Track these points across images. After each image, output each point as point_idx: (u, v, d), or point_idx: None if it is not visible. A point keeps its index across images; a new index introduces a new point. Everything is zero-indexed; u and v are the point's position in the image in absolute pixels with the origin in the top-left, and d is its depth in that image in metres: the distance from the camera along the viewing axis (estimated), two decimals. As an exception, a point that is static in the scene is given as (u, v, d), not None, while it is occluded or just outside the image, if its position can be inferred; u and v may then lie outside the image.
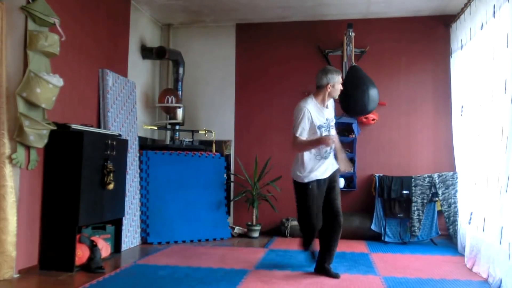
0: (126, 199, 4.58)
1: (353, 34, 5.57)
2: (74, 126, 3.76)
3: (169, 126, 5.77)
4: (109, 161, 4.04)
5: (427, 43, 5.68)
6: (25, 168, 3.49)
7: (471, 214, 4.18)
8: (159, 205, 5.09)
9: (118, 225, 4.39)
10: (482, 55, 4.09)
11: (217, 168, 5.57)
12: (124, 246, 4.52)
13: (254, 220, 5.58)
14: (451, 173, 5.14)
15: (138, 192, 4.98)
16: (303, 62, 5.92)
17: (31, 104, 3.42)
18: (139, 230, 4.91)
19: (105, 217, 4.10)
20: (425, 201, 5.11)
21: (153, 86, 6.02)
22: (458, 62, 5.00)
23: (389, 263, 4.12)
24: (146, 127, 5.56)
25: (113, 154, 4.13)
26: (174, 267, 3.84)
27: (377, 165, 5.65)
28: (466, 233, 4.30)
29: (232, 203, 5.89)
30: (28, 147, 3.49)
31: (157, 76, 6.18)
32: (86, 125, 3.95)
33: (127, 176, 4.64)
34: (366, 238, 5.27)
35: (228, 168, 5.86)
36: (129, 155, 4.71)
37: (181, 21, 6.10)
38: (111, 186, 4.01)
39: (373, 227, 5.24)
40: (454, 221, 4.99)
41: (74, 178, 3.68)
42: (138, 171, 5.04)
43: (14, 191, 3.32)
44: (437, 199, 5.13)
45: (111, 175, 4.01)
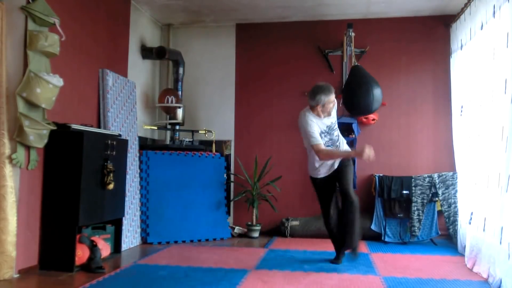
0: (126, 199, 4.58)
1: (353, 34, 5.56)
2: (74, 126, 3.76)
3: (169, 126, 5.77)
4: (109, 161, 4.04)
5: (427, 43, 5.68)
6: (25, 168, 3.49)
7: (471, 214, 4.18)
8: (159, 205, 5.09)
9: (118, 225, 4.39)
10: (482, 55, 4.08)
11: (217, 168, 5.57)
12: (124, 246, 4.52)
13: (254, 220, 5.58)
14: (451, 173, 5.14)
15: (138, 192, 4.98)
16: (303, 62, 5.92)
17: (31, 104, 3.42)
18: (139, 230, 4.91)
19: (105, 217, 4.10)
20: (425, 201, 5.11)
21: (153, 86, 6.02)
22: (458, 62, 4.99)
23: (389, 263, 4.12)
24: (146, 127, 5.56)
25: (113, 154, 4.13)
26: (174, 267, 3.84)
27: (377, 165, 5.60)
28: (466, 233, 4.29)
29: (232, 203, 5.89)
30: (28, 147, 3.49)
31: (157, 76, 6.18)
32: (86, 125, 3.95)
33: (127, 176, 4.64)
34: (366, 238, 5.27)
35: (228, 168, 5.85)
36: (129, 155, 4.71)
37: (181, 21, 6.09)
38: (111, 186, 4.01)
39: (373, 227, 5.24)
40: (454, 221, 5.00)
41: (74, 178, 3.68)
42: (138, 171, 5.04)
43: (14, 191, 3.32)
44: (437, 199, 5.13)
45: (111, 175, 4.01)
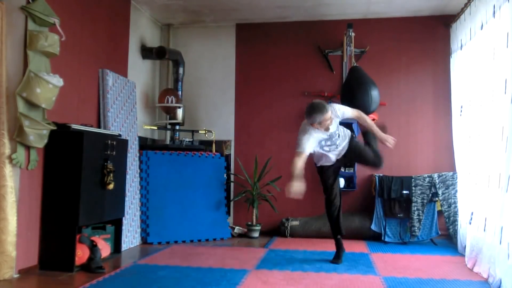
0: (126, 199, 4.58)
1: (353, 34, 5.57)
2: (74, 126, 3.76)
3: (169, 126, 5.77)
4: (109, 161, 4.04)
5: (427, 43, 5.68)
6: (25, 168, 3.49)
7: (471, 214, 4.18)
8: (159, 205, 5.08)
9: (118, 225, 4.39)
10: (482, 55, 4.08)
11: (217, 168, 5.57)
12: (124, 246, 4.52)
13: (254, 220, 5.58)
14: (451, 173, 5.14)
15: (138, 192, 4.98)
16: (303, 62, 5.92)
17: (31, 104, 3.42)
18: (139, 230, 4.91)
19: (105, 217, 4.10)
20: (425, 201, 5.11)
21: (153, 86, 6.02)
22: (458, 62, 4.99)
23: (389, 263, 4.12)
24: (146, 127, 5.56)
25: (113, 154, 4.13)
26: (174, 267, 3.84)
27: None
28: (466, 233, 4.29)
29: (232, 203, 5.89)
30: (28, 147, 3.49)
31: (157, 76, 6.18)
32: (86, 125, 3.95)
33: (127, 176, 4.64)
34: (366, 238, 5.28)
35: (228, 168, 5.85)
36: (129, 155, 4.71)
37: (181, 21, 6.09)
38: (111, 186, 4.02)
39: (373, 227, 5.24)
40: (454, 221, 4.99)
41: (74, 178, 3.68)
42: (138, 171, 5.04)
43: (14, 191, 3.33)
44: (437, 199, 5.13)
45: (111, 175, 4.01)
